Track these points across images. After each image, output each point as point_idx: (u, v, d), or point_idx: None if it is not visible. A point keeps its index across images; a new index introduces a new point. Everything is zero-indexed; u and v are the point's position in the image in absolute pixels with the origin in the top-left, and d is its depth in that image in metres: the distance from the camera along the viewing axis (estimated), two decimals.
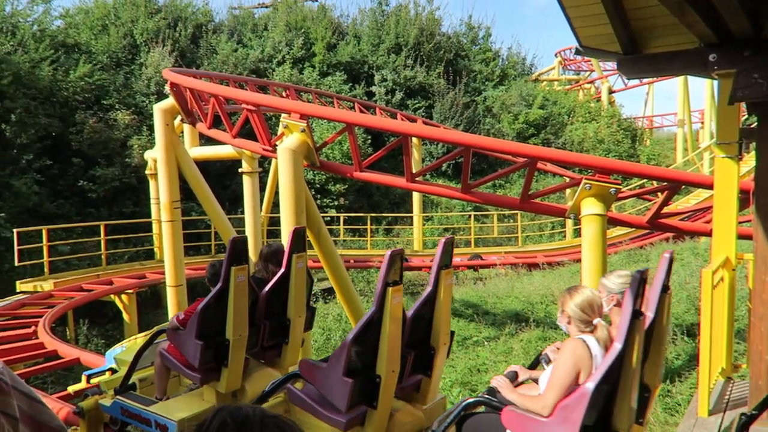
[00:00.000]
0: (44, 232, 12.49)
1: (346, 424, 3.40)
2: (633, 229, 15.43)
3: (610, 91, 30.25)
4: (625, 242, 16.42)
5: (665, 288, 3.15)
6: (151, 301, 14.83)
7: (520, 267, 15.33)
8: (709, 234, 6.79)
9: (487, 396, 3.20)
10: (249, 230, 12.99)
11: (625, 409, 2.80)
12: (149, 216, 15.46)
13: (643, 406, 3.24)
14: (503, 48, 30.41)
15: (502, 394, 3.13)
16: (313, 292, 5.33)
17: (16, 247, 11.81)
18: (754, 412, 3.25)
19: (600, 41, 4.98)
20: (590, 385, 2.63)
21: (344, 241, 18.28)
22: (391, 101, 22.56)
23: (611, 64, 28.27)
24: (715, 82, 5.03)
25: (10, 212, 14.07)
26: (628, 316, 2.62)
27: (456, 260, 16.49)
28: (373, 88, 22.92)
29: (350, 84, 22.64)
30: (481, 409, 3.35)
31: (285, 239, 7.54)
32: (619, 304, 3.30)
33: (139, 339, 4.98)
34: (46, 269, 12.72)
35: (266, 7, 27.96)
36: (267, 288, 4.32)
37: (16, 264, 12.02)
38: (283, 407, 4.28)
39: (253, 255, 12.47)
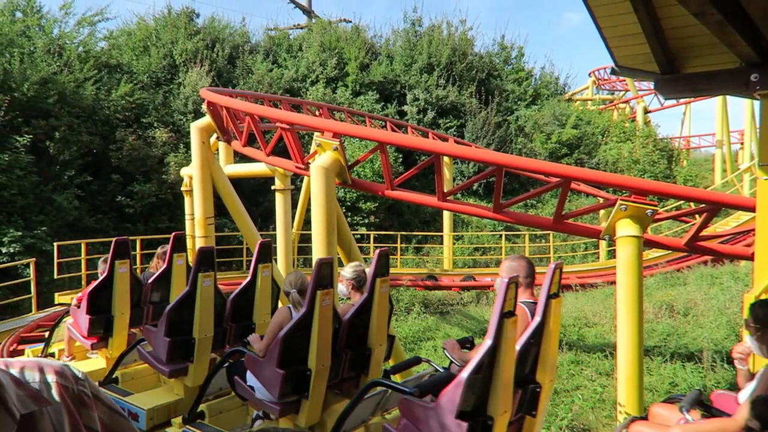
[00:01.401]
0: (83, 246, 12.82)
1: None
2: (670, 251, 15.05)
3: (646, 111, 29.80)
4: (662, 265, 16.03)
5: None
6: None
7: None
8: (749, 258, 6.58)
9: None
10: (280, 247, 13.11)
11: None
12: (184, 231, 15.75)
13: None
14: (536, 67, 30.35)
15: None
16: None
17: (56, 260, 12.14)
18: None
19: (637, 61, 4.93)
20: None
21: None
22: (423, 120, 22.64)
23: (646, 84, 27.91)
24: (756, 102, 4.91)
25: (51, 226, 14.52)
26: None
27: (487, 280, 16.33)
28: (405, 108, 23.05)
29: (382, 103, 22.82)
30: None
31: (316, 257, 7.59)
32: (354, 288, 4.35)
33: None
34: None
35: (301, 28, 28.55)
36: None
37: (56, 276, 12.35)
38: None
39: (283, 272, 12.58)
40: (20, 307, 11.78)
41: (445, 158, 16.37)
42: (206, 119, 10.57)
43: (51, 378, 1.00)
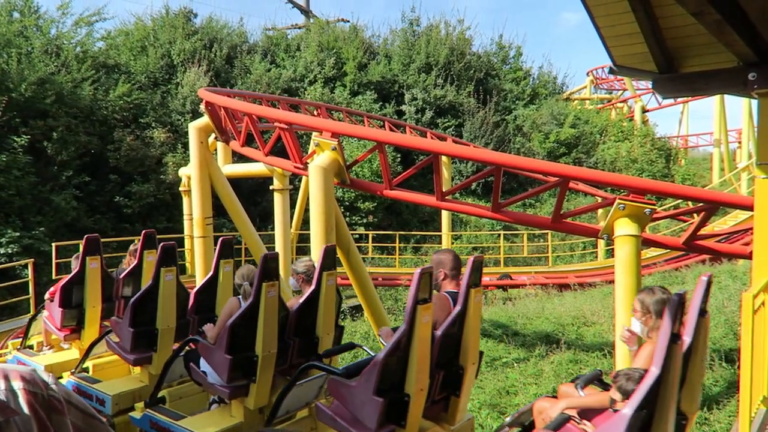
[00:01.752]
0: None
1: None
2: (668, 250, 15.08)
3: (644, 110, 29.84)
4: (660, 264, 16.05)
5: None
6: None
7: (551, 287, 15.09)
8: (747, 256, 6.59)
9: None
10: (279, 246, 13.11)
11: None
12: (182, 232, 15.75)
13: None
14: (534, 67, 30.44)
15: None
16: (341, 309, 5.43)
17: (54, 261, 12.13)
18: None
19: (635, 60, 4.94)
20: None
21: (372, 258, 18.28)
22: (421, 120, 22.65)
23: (644, 83, 27.95)
24: (754, 101, 4.92)
25: (50, 227, 14.51)
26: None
27: (485, 279, 16.31)
28: (404, 107, 23.06)
29: (381, 103, 22.83)
30: None
31: (315, 256, 7.59)
32: (305, 281, 4.49)
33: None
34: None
35: (299, 28, 28.55)
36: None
37: (54, 277, 12.33)
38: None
39: (282, 272, 12.57)
40: (18, 308, 11.77)
41: (444, 158, 16.38)
42: (204, 119, 10.56)
43: (17, 385, 0.95)
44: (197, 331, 4.82)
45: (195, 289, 5.14)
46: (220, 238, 5.22)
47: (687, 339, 2.93)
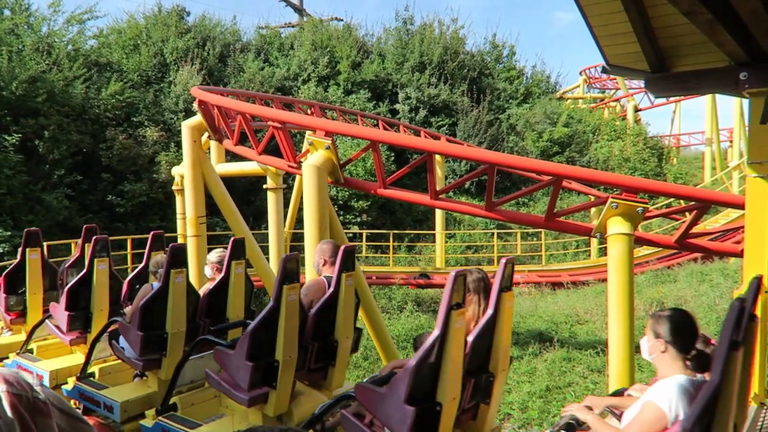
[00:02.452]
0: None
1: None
2: (660, 248, 15.16)
3: (636, 110, 29.96)
4: (652, 262, 16.13)
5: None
6: None
7: (544, 286, 15.15)
8: (739, 255, 6.64)
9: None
10: (273, 246, 13.09)
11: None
12: (175, 231, 15.68)
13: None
14: (527, 66, 30.41)
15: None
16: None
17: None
18: None
19: (627, 59, 4.96)
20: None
21: (366, 257, 18.28)
22: (415, 119, 22.65)
23: (637, 82, 28.06)
24: (745, 101, 4.96)
25: (41, 226, 14.37)
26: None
27: None
28: (397, 106, 23.06)
29: (374, 102, 22.81)
30: None
31: (308, 256, 7.58)
32: (218, 270, 4.96)
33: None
34: None
35: (292, 26, 28.49)
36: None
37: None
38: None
39: (275, 271, 12.55)
40: None
41: (437, 157, 16.40)
42: (197, 118, 10.52)
43: (1, 387, 0.95)
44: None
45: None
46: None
47: (490, 311, 3.27)
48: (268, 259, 13.11)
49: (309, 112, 14.84)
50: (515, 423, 6.71)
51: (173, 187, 15.50)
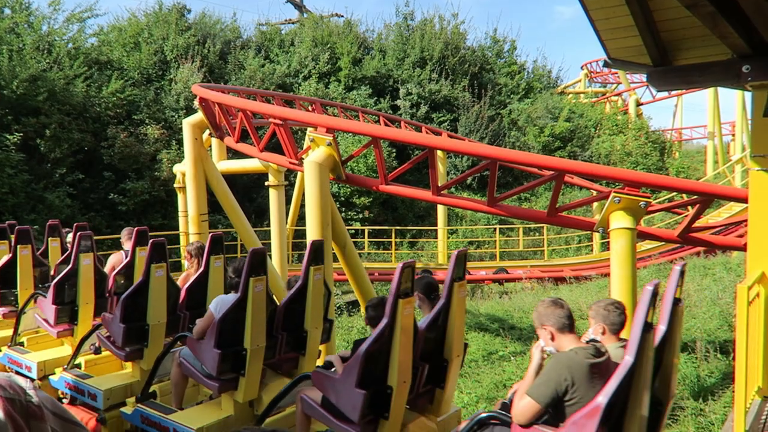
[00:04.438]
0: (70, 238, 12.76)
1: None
2: (662, 243, 15.14)
3: (638, 104, 29.90)
4: (655, 256, 16.12)
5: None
6: None
7: (547, 281, 15.13)
8: (742, 248, 6.62)
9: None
10: (275, 243, 13.09)
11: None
12: (177, 229, 15.70)
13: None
14: (528, 61, 30.27)
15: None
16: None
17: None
18: None
19: (629, 53, 4.94)
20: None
21: (369, 254, 18.28)
22: (416, 115, 22.62)
23: (638, 77, 27.99)
24: (748, 94, 4.94)
25: (43, 225, 14.38)
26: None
27: (481, 273, 16.36)
28: (398, 102, 23.02)
29: (375, 98, 22.78)
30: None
31: None
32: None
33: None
34: None
35: (293, 23, 28.44)
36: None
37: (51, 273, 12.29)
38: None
39: (278, 268, 12.56)
40: None
41: (439, 152, 16.37)
42: (198, 115, 10.52)
43: None
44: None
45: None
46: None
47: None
48: (270, 256, 13.12)
49: (310, 108, 14.82)
50: None
51: (175, 185, 15.50)
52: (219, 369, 4.09)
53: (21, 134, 14.82)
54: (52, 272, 6.29)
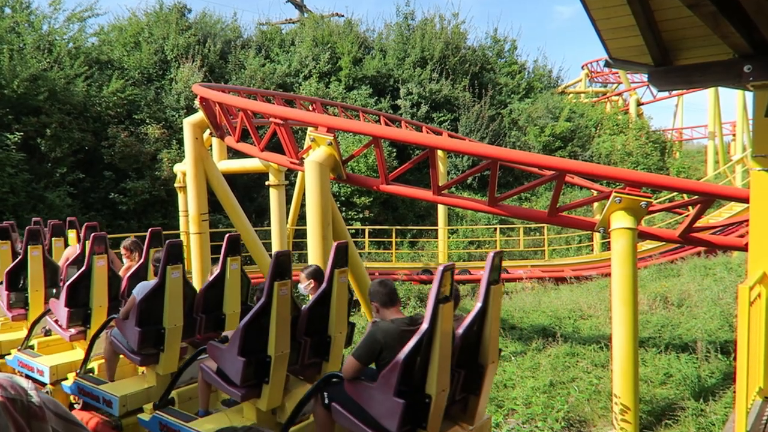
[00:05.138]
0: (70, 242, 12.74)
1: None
2: (663, 243, 15.13)
3: (639, 103, 29.88)
4: (655, 256, 16.10)
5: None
6: None
7: (547, 281, 15.12)
8: (743, 248, 6.61)
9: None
10: (275, 242, 13.09)
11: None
12: (178, 228, 15.71)
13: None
14: (529, 61, 30.23)
15: None
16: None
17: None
18: None
19: (630, 53, 4.93)
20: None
21: (369, 253, 18.28)
22: (417, 114, 22.61)
23: (639, 76, 27.98)
24: (749, 94, 4.93)
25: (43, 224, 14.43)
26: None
27: (481, 273, 16.33)
28: (399, 102, 23.01)
29: (376, 97, 22.77)
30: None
31: (311, 252, 7.57)
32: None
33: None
34: None
35: (293, 22, 28.43)
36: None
37: None
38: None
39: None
40: None
41: (440, 152, 16.37)
42: (199, 115, 10.52)
43: None
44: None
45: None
46: (227, 235, 5.19)
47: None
48: (270, 255, 13.12)
49: (310, 108, 14.82)
50: (519, 418, 6.70)
51: (175, 185, 15.52)
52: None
53: (21, 134, 14.82)
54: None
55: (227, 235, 5.02)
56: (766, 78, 4.10)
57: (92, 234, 5.60)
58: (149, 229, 5.86)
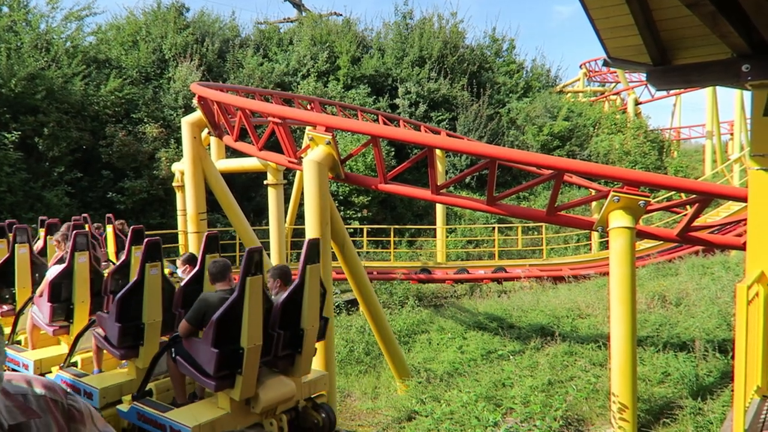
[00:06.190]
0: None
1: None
2: (661, 242, 15.15)
3: (637, 103, 29.89)
4: (653, 255, 16.12)
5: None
6: None
7: (545, 280, 15.14)
8: (740, 247, 6.62)
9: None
10: (273, 241, 13.08)
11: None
12: (176, 227, 15.69)
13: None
14: (527, 60, 30.21)
15: None
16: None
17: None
18: None
19: (629, 52, 4.93)
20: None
21: (367, 252, 18.27)
22: (415, 114, 22.60)
23: (637, 76, 27.99)
24: (747, 93, 4.94)
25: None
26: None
27: (480, 273, 16.36)
28: (397, 101, 22.99)
29: (374, 97, 22.75)
30: None
31: None
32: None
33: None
34: None
35: (291, 21, 28.40)
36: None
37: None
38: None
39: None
40: None
41: (438, 151, 16.36)
42: (197, 114, 10.50)
43: (39, 391, 1.02)
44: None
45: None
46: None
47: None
48: (269, 255, 13.11)
49: (309, 107, 14.80)
50: (517, 417, 6.71)
51: (173, 184, 15.49)
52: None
53: (19, 133, 14.78)
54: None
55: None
56: (764, 77, 4.10)
57: (74, 231, 5.78)
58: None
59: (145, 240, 5.01)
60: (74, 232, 5.75)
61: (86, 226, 8.04)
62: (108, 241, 8.75)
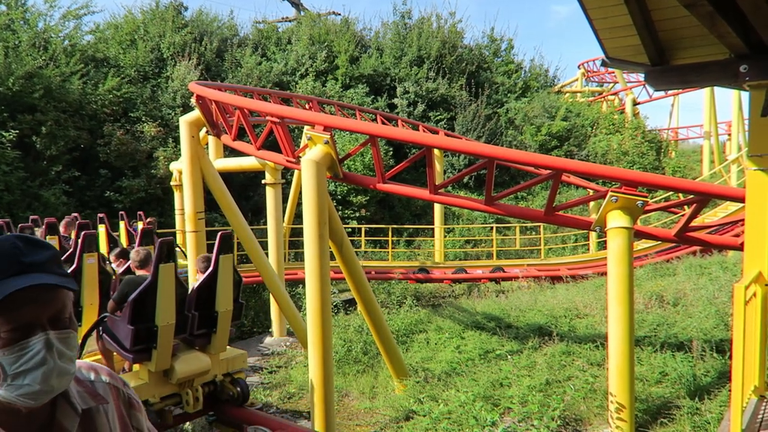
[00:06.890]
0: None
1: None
2: (659, 242, 15.17)
3: (635, 103, 29.91)
4: (651, 255, 16.15)
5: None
6: None
7: (543, 280, 15.15)
8: (738, 248, 6.63)
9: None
10: (271, 241, 13.06)
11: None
12: (174, 226, 15.67)
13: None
14: (525, 60, 30.32)
15: None
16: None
17: None
18: None
19: (627, 52, 4.94)
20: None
21: (365, 252, 18.27)
22: (413, 113, 22.60)
23: (635, 76, 28.02)
24: (744, 94, 4.94)
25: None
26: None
27: (477, 272, 16.37)
28: (395, 101, 22.99)
29: (372, 96, 22.75)
30: None
31: (307, 250, 7.56)
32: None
33: None
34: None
35: (290, 21, 28.39)
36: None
37: None
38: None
39: (274, 266, 12.53)
40: None
41: (436, 151, 16.36)
42: (195, 113, 10.48)
43: (105, 379, 1.11)
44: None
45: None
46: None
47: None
48: (267, 254, 13.10)
49: (307, 106, 14.78)
50: (515, 417, 6.72)
51: (171, 183, 15.48)
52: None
53: (17, 131, 14.76)
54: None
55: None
56: (762, 78, 4.11)
57: (83, 232, 5.77)
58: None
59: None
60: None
61: (101, 225, 8.20)
62: (100, 241, 8.70)
